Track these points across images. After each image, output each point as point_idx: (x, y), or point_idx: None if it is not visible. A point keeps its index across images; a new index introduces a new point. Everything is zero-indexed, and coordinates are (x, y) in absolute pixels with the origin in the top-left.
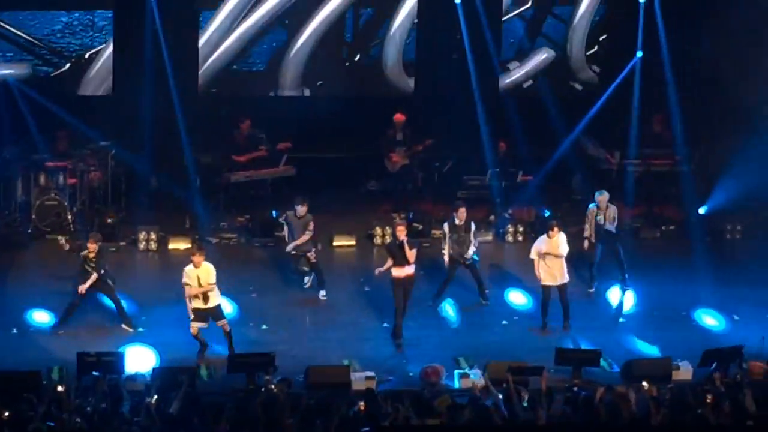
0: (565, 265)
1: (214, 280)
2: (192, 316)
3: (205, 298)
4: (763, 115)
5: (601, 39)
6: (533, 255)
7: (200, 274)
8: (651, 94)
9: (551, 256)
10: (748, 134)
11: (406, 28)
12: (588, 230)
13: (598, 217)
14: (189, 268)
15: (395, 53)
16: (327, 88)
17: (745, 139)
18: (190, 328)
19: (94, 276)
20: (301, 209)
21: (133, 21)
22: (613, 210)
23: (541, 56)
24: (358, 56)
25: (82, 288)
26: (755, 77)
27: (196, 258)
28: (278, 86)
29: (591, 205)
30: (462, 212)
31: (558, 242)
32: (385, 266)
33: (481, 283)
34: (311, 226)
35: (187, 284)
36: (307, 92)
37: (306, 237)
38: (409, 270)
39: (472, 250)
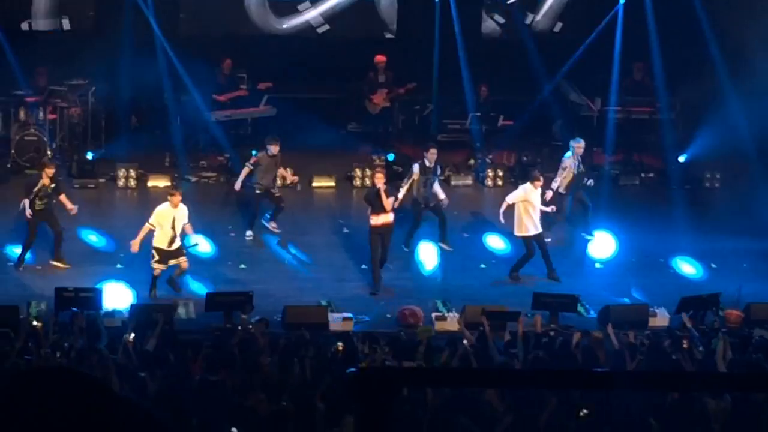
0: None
1: (187, 220)
2: (155, 257)
3: (172, 240)
4: (743, 61)
5: None
6: (511, 200)
7: (176, 214)
8: (633, 42)
9: (533, 205)
10: (729, 82)
11: None
12: (562, 183)
13: (575, 164)
14: (164, 209)
15: None
16: None
17: (726, 86)
18: (153, 270)
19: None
20: (274, 148)
21: None
22: (580, 159)
23: None
24: None
25: (28, 213)
26: (739, 25)
27: (175, 198)
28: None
29: (567, 156)
30: (433, 153)
31: (538, 193)
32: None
33: (445, 226)
34: (290, 172)
35: (154, 225)
36: (66, 24)
37: (279, 172)
38: (386, 218)
39: (442, 194)
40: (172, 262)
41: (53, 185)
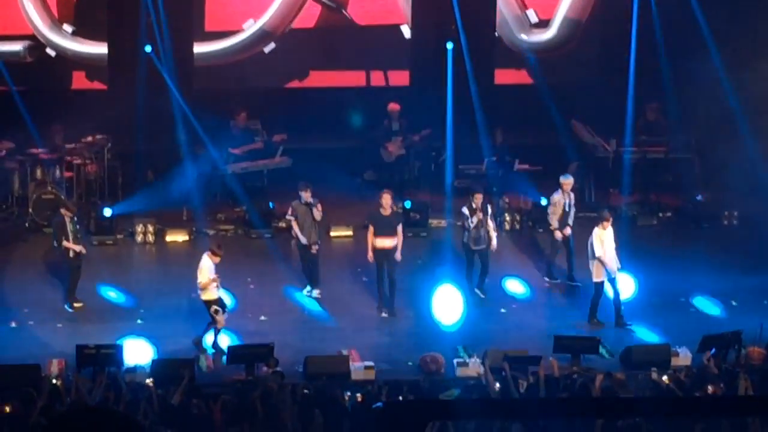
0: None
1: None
2: (219, 311)
3: (217, 287)
4: (759, 100)
5: None
6: (600, 252)
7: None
8: (646, 82)
9: (608, 248)
10: (744, 119)
11: None
12: (554, 220)
13: (565, 202)
14: (207, 263)
15: None
16: None
17: (742, 124)
18: (220, 323)
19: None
20: (306, 194)
21: (127, 15)
22: (572, 196)
23: None
24: None
25: (80, 249)
26: (753, 66)
27: (215, 258)
28: None
29: (555, 194)
30: (479, 198)
31: (610, 233)
32: (369, 243)
33: (485, 274)
34: (319, 206)
35: (213, 280)
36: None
37: (319, 216)
38: (390, 241)
39: (495, 239)
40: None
41: (75, 218)
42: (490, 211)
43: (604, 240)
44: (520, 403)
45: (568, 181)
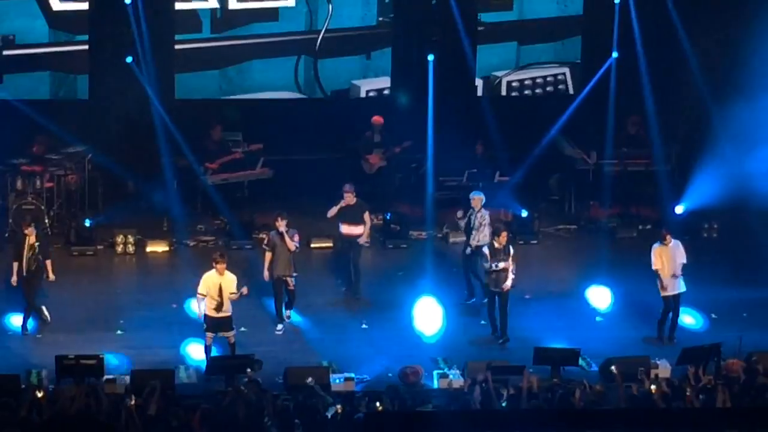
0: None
1: (235, 290)
2: (205, 324)
3: (218, 307)
4: (737, 111)
5: None
6: (658, 265)
7: (222, 282)
8: (627, 95)
9: (668, 264)
10: (723, 132)
11: None
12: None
13: (472, 217)
14: (210, 275)
15: None
16: None
17: (721, 137)
18: (205, 338)
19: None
20: (279, 224)
21: (110, 25)
22: (484, 215)
23: None
24: None
25: (13, 279)
26: (732, 76)
27: (219, 266)
28: None
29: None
30: (504, 236)
31: (674, 249)
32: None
33: (504, 323)
34: (296, 238)
35: (203, 294)
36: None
37: (292, 247)
38: (355, 229)
39: (510, 280)
40: (221, 333)
41: (38, 243)
42: (512, 251)
43: (662, 255)
44: (503, 415)
45: (476, 197)
